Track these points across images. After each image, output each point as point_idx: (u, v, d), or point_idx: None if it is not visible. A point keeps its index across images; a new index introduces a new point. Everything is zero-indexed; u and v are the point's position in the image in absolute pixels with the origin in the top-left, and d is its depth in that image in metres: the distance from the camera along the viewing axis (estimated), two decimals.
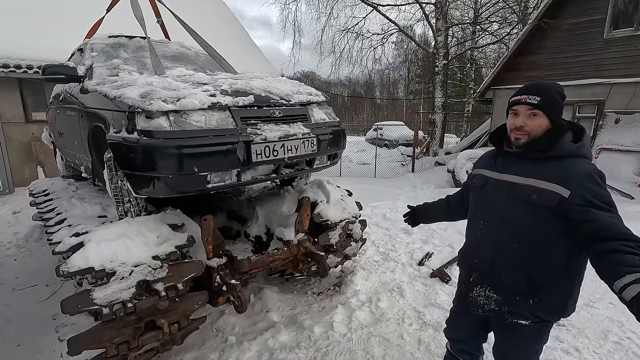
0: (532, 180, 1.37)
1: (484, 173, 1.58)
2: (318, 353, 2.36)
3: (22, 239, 4.45)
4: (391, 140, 16.75)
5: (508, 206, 1.43)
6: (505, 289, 1.46)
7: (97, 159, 2.70)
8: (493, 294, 1.49)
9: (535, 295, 1.40)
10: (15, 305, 3.01)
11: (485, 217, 1.53)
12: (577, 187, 1.27)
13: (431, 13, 11.86)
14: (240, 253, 2.69)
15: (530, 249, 1.38)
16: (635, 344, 2.44)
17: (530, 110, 1.37)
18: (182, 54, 3.64)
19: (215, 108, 2.09)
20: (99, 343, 1.85)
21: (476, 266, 1.57)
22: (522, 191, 1.39)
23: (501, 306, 1.47)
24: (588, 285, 3.26)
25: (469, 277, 1.60)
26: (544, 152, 1.38)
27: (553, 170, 1.34)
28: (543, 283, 1.38)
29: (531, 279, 1.39)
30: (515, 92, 1.44)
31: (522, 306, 1.43)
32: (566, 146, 1.37)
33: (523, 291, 1.41)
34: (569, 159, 1.35)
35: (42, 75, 2.74)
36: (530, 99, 1.36)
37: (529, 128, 1.38)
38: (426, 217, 2.02)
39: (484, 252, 1.52)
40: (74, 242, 1.96)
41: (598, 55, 7.37)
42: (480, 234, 1.55)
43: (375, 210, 5.81)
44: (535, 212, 1.35)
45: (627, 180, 6.10)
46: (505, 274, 1.45)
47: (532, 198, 1.35)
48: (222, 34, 9.72)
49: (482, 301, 1.53)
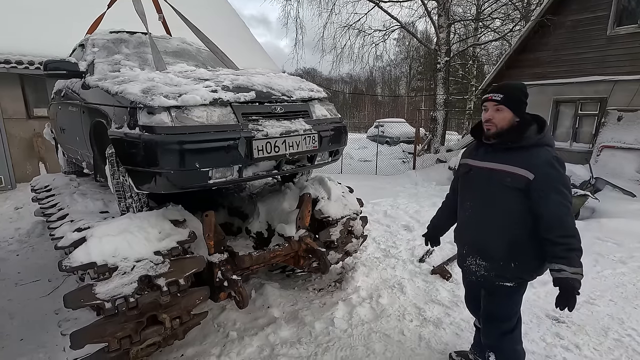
0: (505, 166, 1.67)
1: (468, 162, 1.88)
2: (319, 348, 2.37)
3: (25, 235, 4.46)
4: (392, 138, 16.71)
5: (489, 188, 1.74)
6: (491, 257, 1.77)
7: (98, 154, 2.70)
8: (482, 262, 1.81)
9: (516, 259, 1.71)
10: (17, 300, 3.03)
11: (471, 199, 1.85)
12: (540, 171, 1.58)
13: (433, 9, 11.78)
14: (242, 249, 2.70)
15: (507, 222, 1.69)
16: (636, 341, 2.44)
17: (495, 105, 1.68)
18: (184, 49, 3.63)
19: (217, 104, 2.09)
20: (101, 337, 1.86)
21: (467, 240, 1.92)
22: (498, 175, 1.69)
23: (489, 271, 1.78)
24: (588, 282, 3.26)
25: (462, 250, 1.95)
26: (514, 143, 1.66)
27: (521, 158, 1.63)
28: (520, 249, 1.69)
29: (511, 247, 1.70)
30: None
31: (505, 269, 1.73)
32: (532, 137, 1.66)
33: (505, 257, 1.72)
34: (534, 147, 1.64)
35: (43, 71, 2.73)
36: (495, 97, 1.67)
37: (495, 120, 1.69)
38: (441, 229, 2.23)
39: (472, 227, 1.86)
40: (76, 237, 1.97)
41: (601, 52, 7.32)
42: (468, 213, 1.87)
43: (376, 207, 5.82)
44: (509, 193, 1.66)
45: (629, 178, 6.07)
46: (489, 244, 1.77)
47: (506, 181, 1.65)
48: (223, 30, 9.69)
49: (474, 269, 1.85)
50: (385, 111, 39.27)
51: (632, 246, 4.02)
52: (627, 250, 3.93)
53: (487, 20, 13.20)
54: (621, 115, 6.82)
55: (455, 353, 2.27)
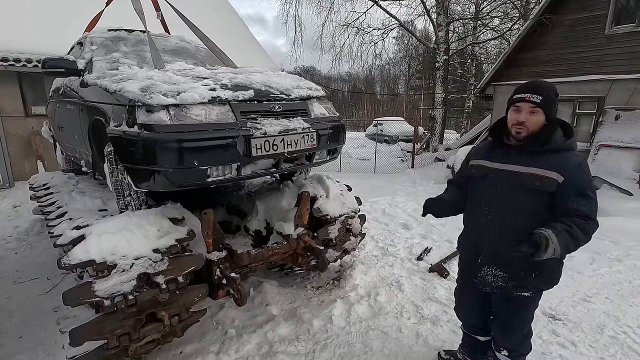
0: (534, 169, 1.57)
1: (485, 164, 1.75)
2: (317, 346, 2.39)
3: (23, 233, 4.46)
4: (391, 136, 16.74)
5: (511, 192, 1.63)
6: (511, 266, 1.66)
7: (97, 152, 2.70)
8: (500, 272, 1.70)
9: (537, 268, 1.62)
10: (16, 298, 3.03)
11: (490, 204, 1.71)
12: (570, 174, 1.52)
13: (432, 8, 11.78)
14: (240, 247, 2.70)
15: (531, 228, 1.52)
16: (631, 338, 2.47)
17: (532, 107, 1.56)
18: (182, 48, 3.63)
19: (216, 102, 2.10)
20: (100, 334, 1.86)
21: (483, 248, 1.75)
22: (525, 178, 1.59)
23: (508, 282, 1.68)
24: (585, 280, 3.29)
25: (475, 259, 1.79)
26: (542, 146, 1.58)
27: (551, 161, 1.56)
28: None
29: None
30: (517, 89, 1.62)
31: (526, 280, 1.65)
32: (560, 141, 1.59)
33: (527, 266, 1.61)
34: (563, 152, 1.58)
35: (41, 68, 2.73)
36: (533, 98, 1.54)
37: (529, 123, 1.57)
38: (439, 210, 1.99)
39: (491, 234, 1.70)
40: (75, 235, 1.97)
41: (599, 51, 7.33)
42: (485, 219, 1.72)
43: (374, 205, 5.83)
44: (535, 196, 1.57)
45: (627, 177, 6.10)
46: (510, 253, 1.58)
47: (535, 184, 1.56)
48: (222, 29, 9.67)
49: (490, 279, 1.73)
50: (384, 110, 39.24)
51: (628, 244, 4.05)
52: (624, 248, 3.96)
53: (485, 19, 13.21)
54: (619, 114, 6.84)
55: (445, 352, 2.28)
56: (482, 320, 1.97)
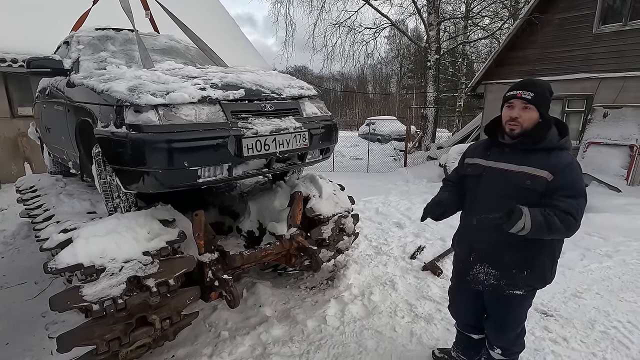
0: (525, 167, 1.57)
1: (480, 162, 1.75)
2: (311, 346, 2.37)
3: (10, 237, 4.36)
4: (384, 135, 16.77)
5: (503, 190, 1.63)
6: (503, 264, 1.68)
7: (85, 154, 2.65)
8: (492, 270, 1.71)
9: (529, 266, 1.64)
10: (3, 304, 2.96)
11: (483, 202, 1.71)
12: (561, 173, 1.51)
13: (423, 7, 11.85)
14: (233, 248, 2.68)
15: None
16: (621, 333, 2.50)
17: (524, 104, 1.57)
18: (172, 47, 3.58)
19: (206, 102, 2.07)
20: (89, 340, 1.83)
21: (475, 246, 1.77)
22: (516, 177, 1.59)
23: (499, 280, 1.69)
24: (576, 276, 3.32)
25: (468, 256, 1.81)
26: (535, 145, 1.58)
27: (543, 159, 1.55)
28: (534, 255, 1.62)
29: (525, 254, 1.62)
30: (511, 87, 1.64)
31: (518, 278, 1.66)
32: (554, 139, 1.59)
33: (519, 264, 1.64)
34: (556, 150, 1.57)
35: (26, 68, 2.66)
36: (525, 94, 1.56)
37: (522, 120, 1.58)
38: (442, 211, 1.88)
39: (483, 233, 1.70)
40: (62, 238, 1.93)
41: (587, 50, 7.44)
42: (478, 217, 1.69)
43: (367, 204, 5.84)
44: (526, 195, 1.56)
45: (615, 174, 6.20)
46: (503, 251, 1.66)
47: (525, 183, 1.56)
48: (214, 28, 9.59)
49: (482, 277, 1.74)
50: (376, 109, 39.42)
51: (617, 240, 4.11)
52: (613, 244, 4.01)
53: (476, 19, 13.31)
54: (607, 112, 6.95)
55: (439, 350, 2.29)
56: (476, 319, 1.97)
